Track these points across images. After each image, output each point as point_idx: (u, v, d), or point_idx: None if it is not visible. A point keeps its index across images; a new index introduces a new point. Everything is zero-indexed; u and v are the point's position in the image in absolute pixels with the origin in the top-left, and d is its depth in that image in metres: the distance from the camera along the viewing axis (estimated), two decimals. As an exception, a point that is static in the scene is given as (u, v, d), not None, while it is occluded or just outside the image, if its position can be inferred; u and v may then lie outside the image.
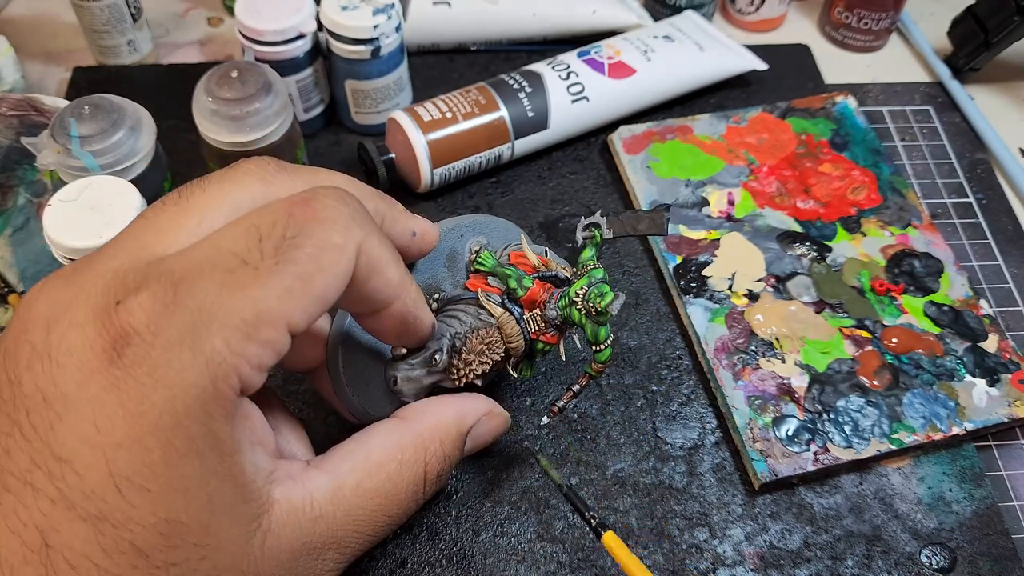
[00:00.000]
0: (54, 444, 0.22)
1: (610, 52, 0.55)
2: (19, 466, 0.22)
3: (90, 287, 0.23)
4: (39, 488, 0.22)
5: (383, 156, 0.50)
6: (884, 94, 0.60)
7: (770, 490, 0.41)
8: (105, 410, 0.22)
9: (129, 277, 0.23)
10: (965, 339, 0.46)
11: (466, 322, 0.35)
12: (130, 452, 0.22)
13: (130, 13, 0.56)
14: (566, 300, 0.35)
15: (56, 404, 0.22)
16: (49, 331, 0.23)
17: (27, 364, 0.23)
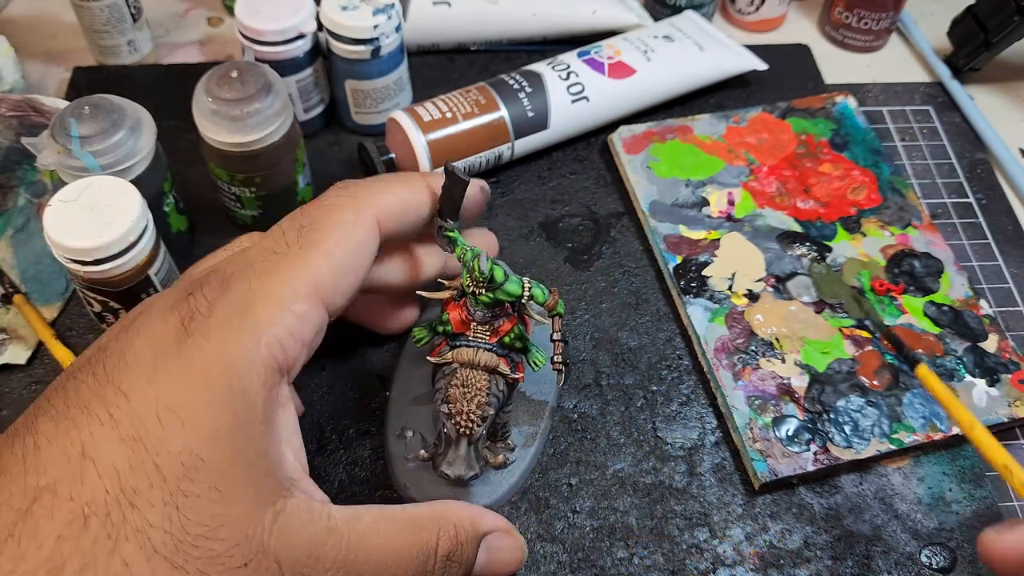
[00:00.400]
0: (116, 379, 0.27)
1: (610, 52, 0.55)
2: (83, 399, 0.26)
3: (171, 290, 0.30)
4: (94, 413, 0.26)
5: (383, 156, 0.50)
6: (884, 94, 0.60)
7: (770, 490, 0.41)
8: (167, 359, 0.27)
9: (197, 279, 0.29)
10: (965, 339, 0.46)
11: (440, 386, 0.36)
12: (177, 389, 0.26)
13: (130, 13, 0.56)
14: (471, 297, 0.36)
15: (128, 355, 0.27)
16: (138, 315, 0.29)
17: (115, 337, 0.28)
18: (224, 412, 0.26)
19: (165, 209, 0.46)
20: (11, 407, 0.43)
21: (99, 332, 0.45)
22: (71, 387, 0.27)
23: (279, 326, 0.28)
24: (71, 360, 0.43)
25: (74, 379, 0.27)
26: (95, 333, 0.45)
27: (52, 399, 0.27)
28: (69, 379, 0.28)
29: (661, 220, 0.50)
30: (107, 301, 0.41)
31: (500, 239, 0.50)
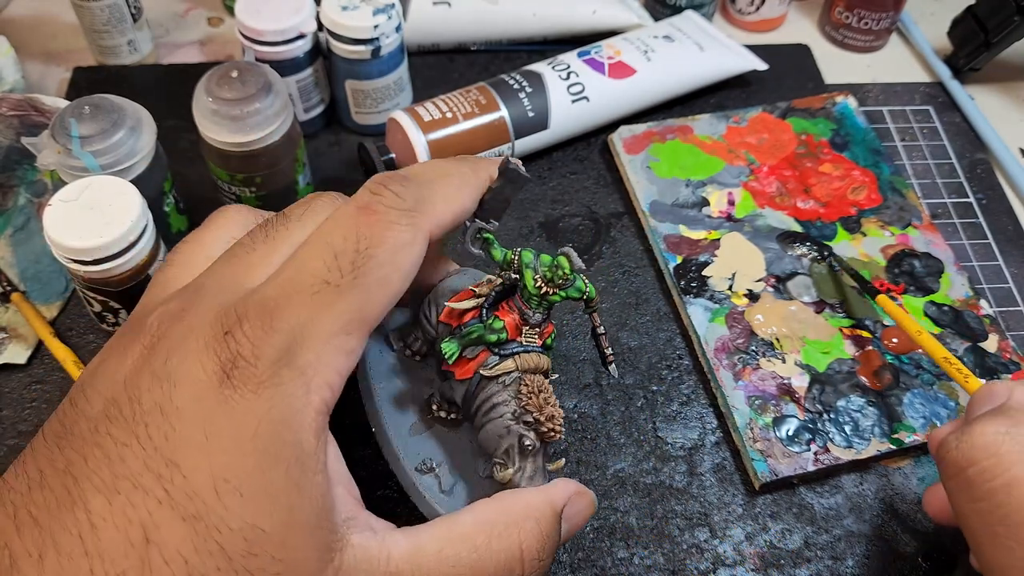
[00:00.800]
0: (166, 450, 0.24)
1: (610, 52, 0.55)
2: (132, 470, 0.24)
3: (201, 321, 0.26)
4: (148, 489, 0.24)
5: (383, 156, 0.50)
6: (884, 94, 0.60)
7: (770, 490, 0.41)
8: (214, 421, 0.25)
9: (232, 309, 0.26)
10: (965, 339, 0.46)
11: (503, 396, 0.33)
12: (230, 456, 0.24)
13: (130, 13, 0.56)
14: (535, 299, 0.33)
15: (171, 417, 0.25)
16: (168, 359, 0.26)
17: (147, 387, 0.25)
18: (280, 474, 0.25)
19: (165, 209, 0.46)
20: (11, 407, 0.43)
21: (99, 332, 0.45)
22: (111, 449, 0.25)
23: (328, 366, 0.26)
24: (71, 359, 0.43)
25: (109, 436, 0.25)
26: (95, 333, 0.45)
27: (90, 460, 0.25)
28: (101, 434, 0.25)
29: (661, 220, 0.50)
30: (107, 301, 0.41)
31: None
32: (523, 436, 0.32)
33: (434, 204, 0.29)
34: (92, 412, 0.26)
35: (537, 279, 0.33)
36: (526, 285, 0.33)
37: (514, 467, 0.32)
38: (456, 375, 0.33)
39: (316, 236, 0.27)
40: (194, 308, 0.27)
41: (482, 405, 0.33)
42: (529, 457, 0.32)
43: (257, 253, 0.29)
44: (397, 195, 0.28)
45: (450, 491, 0.33)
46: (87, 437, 0.25)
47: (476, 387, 0.33)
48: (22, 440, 0.41)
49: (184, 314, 0.27)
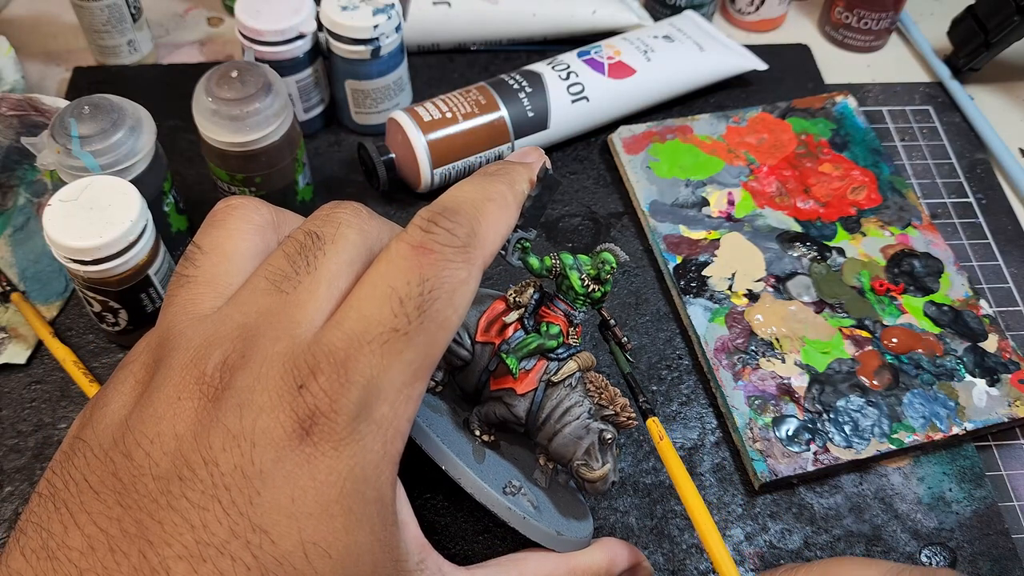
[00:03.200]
0: (253, 516, 0.24)
1: (610, 52, 0.55)
2: (218, 538, 0.24)
3: (269, 372, 0.25)
4: (237, 557, 0.23)
5: (383, 156, 0.50)
6: (884, 94, 0.60)
7: (770, 490, 0.41)
8: (299, 483, 0.24)
9: (301, 360, 0.25)
10: (965, 339, 0.46)
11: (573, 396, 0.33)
12: (318, 519, 0.24)
13: (130, 13, 0.56)
14: (582, 298, 0.34)
15: (255, 480, 0.24)
16: (242, 417, 0.24)
17: (222, 447, 0.24)
18: (364, 532, 0.25)
19: (165, 209, 0.46)
20: (10, 407, 0.43)
21: (98, 332, 0.45)
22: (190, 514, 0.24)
23: (401, 417, 0.26)
24: (71, 359, 0.43)
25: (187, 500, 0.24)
26: (95, 333, 0.45)
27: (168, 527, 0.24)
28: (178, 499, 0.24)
29: (661, 220, 0.50)
30: (107, 301, 0.41)
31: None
32: (603, 431, 0.32)
33: (485, 236, 0.28)
34: (159, 471, 0.24)
35: (584, 279, 0.34)
36: (572, 286, 0.33)
37: (600, 464, 0.32)
38: (518, 390, 0.33)
39: (377, 278, 0.26)
40: (256, 355, 0.26)
41: (552, 412, 0.33)
42: (609, 451, 0.32)
43: (303, 286, 0.27)
44: (450, 232, 0.27)
45: (539, 507, 0.33)
46: (158, 500, 0.24)
47: (543, 396, 0.33)
48: (21, 440, 0.41)
49: (246, 363, 0.26)
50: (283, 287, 0.27)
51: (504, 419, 0.34)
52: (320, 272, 0.27)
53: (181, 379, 0.25)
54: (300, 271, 0.27)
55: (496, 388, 0.34)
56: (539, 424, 0.33)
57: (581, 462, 0.32)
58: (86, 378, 0.43)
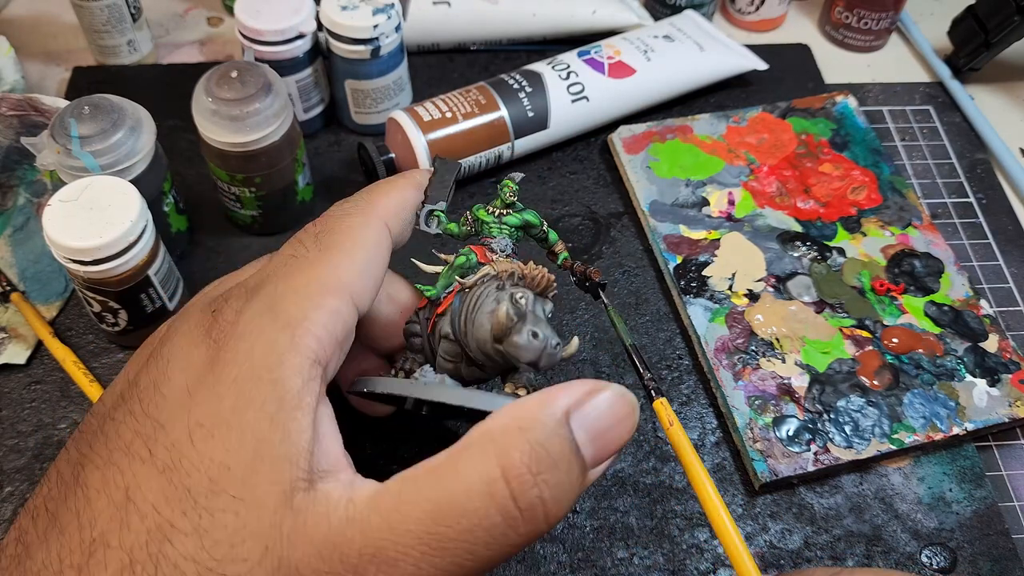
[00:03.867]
0: (155, 415, 0.26)
1: (610, 52, 0.55)
2: (124, 440, 0.26)
3: (194, 309, 0.29)
4: (135, 452, 0.25)
5: (383, 156, 0.50)
6: (884, 94, 0.60)
7: (770, 490, 0.41)
8: (198, 379, 0.26)
9: (221, 296, 0.29)
10: (965, 339, 0.45)
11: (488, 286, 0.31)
12: (208, 403, 0.25)
13: (130, 13, 0.56)
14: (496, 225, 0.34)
15: (163, 387, 0.26)
16: (163, 343, 0.28)
17: (144, 370, 0.28)
18: (252, 410, 0.25)
19: (165, 209, 0.46)
20: (10, 407, 0.43)
21: (98, 332, 0.45)
22: (111, 430, 0.26)
23: (311, 320, 0.27)
24: (71, 359, 0.43)
25: (112, 420, 0.27)
26: (95, 333, 0.45)
27: (95, 445, 0.26)
28: (107, 421, 0.27)
29: (661, 220, 0.50)
30: (106, 301, 0.41)
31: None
32: (513, 293, 0.29)
33: (375, 195, 0.32)
34: (103, 410, 0.28)
35: (491, 208, 0.35)
36: (482, 219, 0.34)
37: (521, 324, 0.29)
38: (438, 310, 0.32)
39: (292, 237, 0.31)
40: (192, 303, 0.30)
41: (468, 311, 0.31)
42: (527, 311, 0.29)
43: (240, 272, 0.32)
44: (344, 202, 0.32)
45: None
46: (95, 429, 0.27)
47: (458, 301, 0.32)
48: (21, 440, 0.41)
49: (185, 309, 0.30)
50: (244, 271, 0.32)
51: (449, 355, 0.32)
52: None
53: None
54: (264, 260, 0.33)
55: (431, 330, 0.33)
56: (463, 329, 0.31)
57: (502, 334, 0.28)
58: (86, 378, 0.43)
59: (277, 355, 0.26)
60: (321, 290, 0.28)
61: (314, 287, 0.28)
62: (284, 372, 0.26)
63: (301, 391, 0.26)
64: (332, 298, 0.28)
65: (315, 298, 0.27)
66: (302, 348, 0.26)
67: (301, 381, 0.26)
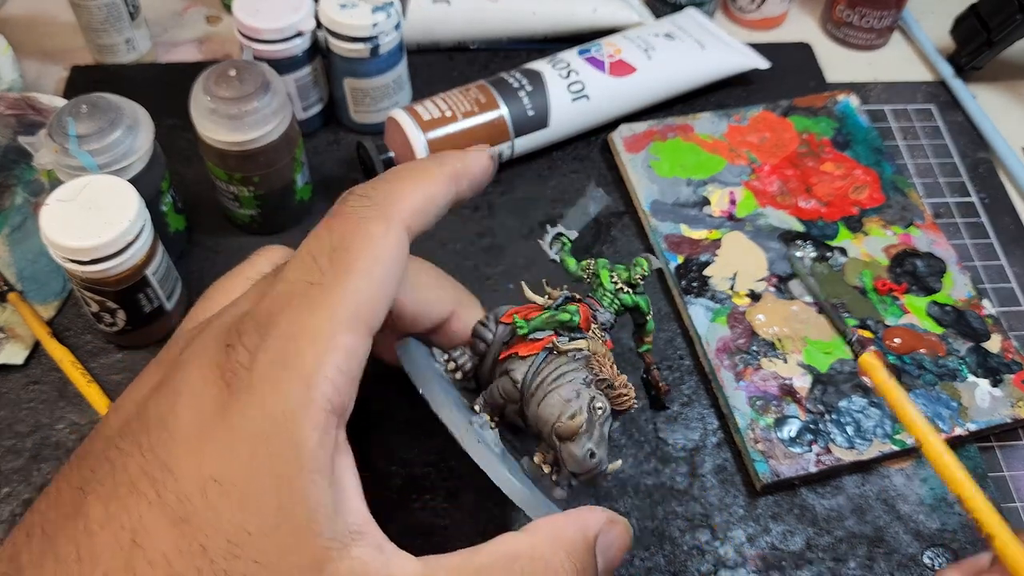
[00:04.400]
0: (163, 455, 0.25)
1: (611, 50, 0.55)
2: (130, 477, 0.25)
3: (209, 337, 0.27)
4: (142, 494, 0.24)
5: (382, 155, 0.50)
6: (886, 93, 0.60)
7: (772, 491, 0.41)
8: (209, 425, 0.25)
9: (234, 326, 0.27)
10: (968, 339, 0.45)
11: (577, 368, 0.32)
12: (221, 457, 0.24)
13: (128, 11, 0.56)
14: (609, 296, 0.34)
15: (171, 425, 0.25)
16: (176, 369, 0.27)
17: (155, 401, 0.26)
18: (270, 474, 0.24)
19: (163, 208, 0.45)
20: (8, 407, 0.42)
21: (96, 332, 0.45)
22: (116, 459, 0.25)
23: (328, 366, 0.25)
24: (68, 360, 0.43)
25: (117, 449, 0.26)
26: (92, 333, 0.45)
27: (98, 472, 0.26)
28: (112, 448, 0.26)
29: (662, 219, 0.50)
30: (104, 301, 0.41)
31: (500, 238, 0.50)
32: (595, 397, 0.30)
33: (402, 194, 0.29)
34: (109, 432, 0.27)
35: (614, 276, 0.34)
36: (602, 283, 0.34)
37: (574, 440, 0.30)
38: (521, 352, 0.32)
39: (298, 250, 0.28)
40: (206, 330, 0.28)
41: (547, 377, 0.31)
42: (596, 424, 0.30)
43: (267, 280, 0.30)
44: (362, 195, 0.29)
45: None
46: (99, 453, 0.26)
47: (542, 362, 0.32)
48: (19, 441, 0.41)
49: (194, 337, 0.28)
50: (257, 284, 0.30)
51: (505, 395, 0.32)
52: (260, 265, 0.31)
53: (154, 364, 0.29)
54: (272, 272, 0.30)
55: (504, 357, 0.33)
56: (533, 390, 0.32)
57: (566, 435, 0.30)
58: (84, 378, 0.43)
59: (294, 412, 0.25)
60: (337, 328, 0.26)
61: (332, 324, 0.26)
62: (301, 431, 0.25)
63: (317, 450, 0.25)
64: (348, 336, 0.26)
65: (331, 339, 0.26)
66: (318, 400, 0.25)
67: (318, 437, 0.25)
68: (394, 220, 0.28)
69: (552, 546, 0.27)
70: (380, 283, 0.27)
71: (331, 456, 0.25)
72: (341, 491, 0.26)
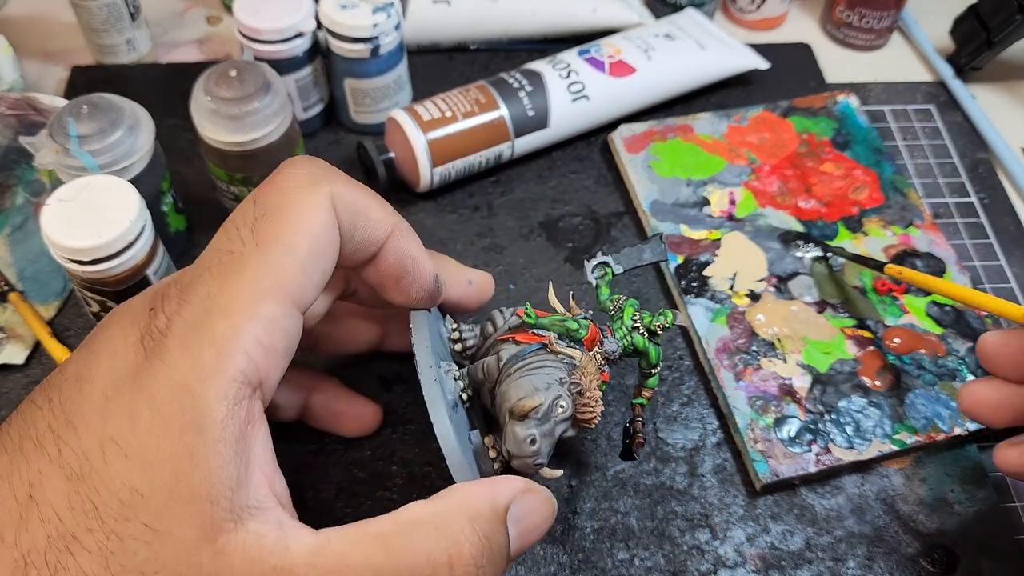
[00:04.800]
0: (70, 413, 0.25)
1: (611, 50, 0.55)
2: (37, 431, 0.25)
3: (138, 299, 0.28)
4: (44, 448, 0.24)
5: (382, 155, 0.50)
6: (886, 93, 0.60)
7: (771, 491, 0.41)
8: (119, 386, 0.25)
9: (160, 291, 0.27)
10: (967, 339, 0.45)
11: (559, 368, 0.32)
12: (122, 417, 0.24)
13: (128, 12, 0.56)
14: (624, 331, 0.35)
15: (84, 382, 0.25)
16: (99, 330, 0.27)
17: (74, 357, 0.26)
18: (169, 437, 0.24)
19: (163, 208, 0.45)
20: (8, 407, 0.42)
21: (97, 332, 0.45)
22: (28, 414, 0.25)
23: (243, 335, 0.25)
24: (69, 360, 0.43)
25: (32, 403, 0.26)
26: (93, 333, 0.45)
27: (12, 425, 0.26)
28: (28, 404, 0.26)
29: (662, 219, 0.50)
30: (105, 301, 0.41)
31: (500, 239, 0.50)
32: (562, 396, 0.30)
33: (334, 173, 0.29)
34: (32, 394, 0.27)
35: (637, 316, 0.35)
36: (623, 317, 0.35)
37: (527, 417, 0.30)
38: (518, 338, 0.33)
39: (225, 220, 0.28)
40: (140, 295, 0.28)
41: (528, 364, 0.32)
42: (552, 420, 0.30)
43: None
44: (301, 164, 0.28)
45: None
46: (21, 407, 0.26)
47: (531, 352, 0.32)
48: (20, 441, 0.41)
49: (128, 301, 0.28)
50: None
51: (487, 372, 0.33)
52: None
53: None
54: None
55: (502, 339, 0.34)
56: (511, 371, 0.32)
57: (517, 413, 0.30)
58: (84, 378, 0.43)
59: (201, 380, 0.24)
60: (255, 297, 0.25)
61: (248, 294, 0.25)
62: (208, 399, 0.24)
63: (225, 419, 0.24)
64: (270, 306, 0.26)
65: (248, 308, 0.25)
66: (229, 370, 0.24)
67: (226, 407, 0.24)
68: (323, 191, 0.27)
69: (456, 513, 0.26)
70: (306, 255, 0.27)
71: (241, 428, 0.25)
72: (246, 464, 0.25)
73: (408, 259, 0.31)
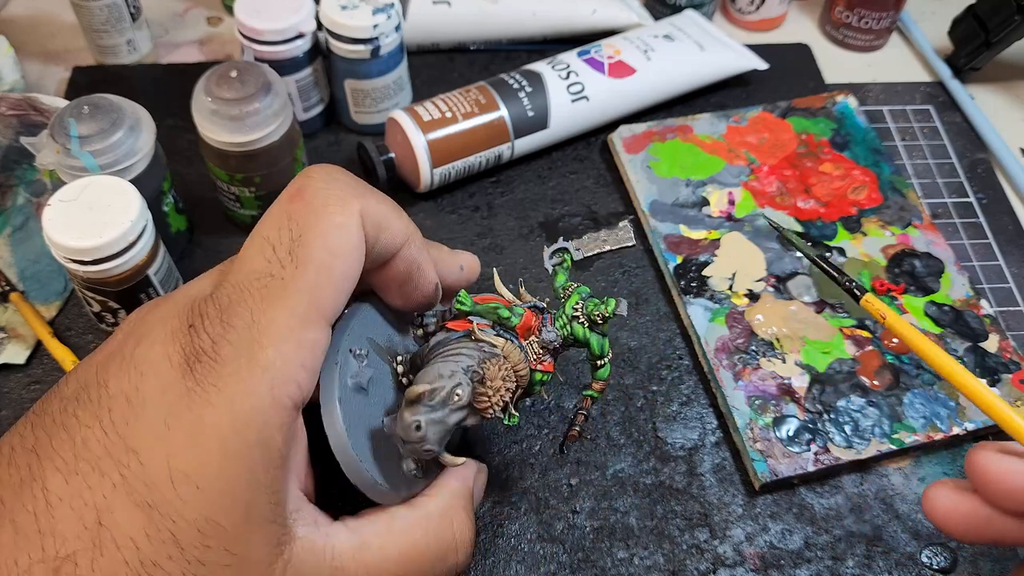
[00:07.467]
0: (128, 437, 0.25)
1: (610, 51, 0.55)
2: (93, 454, 0.25)
3: (171, 311, 0.27)
4: (106, 473, 0.25)
5: (383, 156, 0.50)
6: (885, 93, 0.60)
7: (770, 490, 0.41)
8: (176, 412, 0.25)
9: (197, 306, 0.27)
10: (966, 339, 0.45)
11: (472, 355, 0.32)
12: (190, 451, 0.25)
13: (129, 12, 0.56)
14: (564, 319, 0.34)
15: (136, 405, 0.25)
16: (138, 346, 0.27)
17: (115, 372, 0.26)
18: (239, 471, 0.25)
19: (164, 209, 0.46)
20: (10, 407, 0.43)
21: (98, 332, 0.45)
22: (74, 429, 0.26)
23: (291, 363, 0.26)
24: (70, 359, 0.43)
25: (76, 418, 0.26)
26: (94, 332, 0.45)
27: (55, 442, 0.26)
28: (69, 415, 0.26)
29: (661, 220, 0.50)
30: (106, 301, 0.41)
31: (500, 239, 0.50)
32: (462, 384, 0.31)
33: (363, 189, 0.29)
34: (66, 393, 0.27)
35: (578, 305, 0.34)
36: (565, 305, 0.34)
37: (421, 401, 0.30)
38: (449, 325, 0.33)
39: (255, 231, 0.28)
40: (168, 301, 0.28)
41: (445, 351, 0.32)
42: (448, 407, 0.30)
43: (230, 261, 0.30)
44: (329, 178, 0.29)
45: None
46: (56, 417, 0.26)
47: (455, 340, 0.33)
48: (21, 440, 0.41)
49: (157, 307, 0.28)
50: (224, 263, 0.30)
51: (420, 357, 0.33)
52: None
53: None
54: None
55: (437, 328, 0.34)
56: (431, 357, 0.33)
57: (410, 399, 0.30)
58: (85, 378, 0.43)
59: (260, 411, 0.25)
60: (300, 323, 0.27)
61: (292, 320, 0.26)
62: (269, 432, 0.26)
63: (282, 447, 0.26)
64: (311, 331, 0.27)
65: (294, 334, 0.26)
66: (283, 400, 0.26)
67: (282, 437, 0.26)
68: (353, 210, 0.28)
69: (456, 504, 0.31)
70: (341, 275, 0.28)
71: (289, 446, 0.27)
72: (290, 477, 0.28)
73: (415, 267, 0.32)
